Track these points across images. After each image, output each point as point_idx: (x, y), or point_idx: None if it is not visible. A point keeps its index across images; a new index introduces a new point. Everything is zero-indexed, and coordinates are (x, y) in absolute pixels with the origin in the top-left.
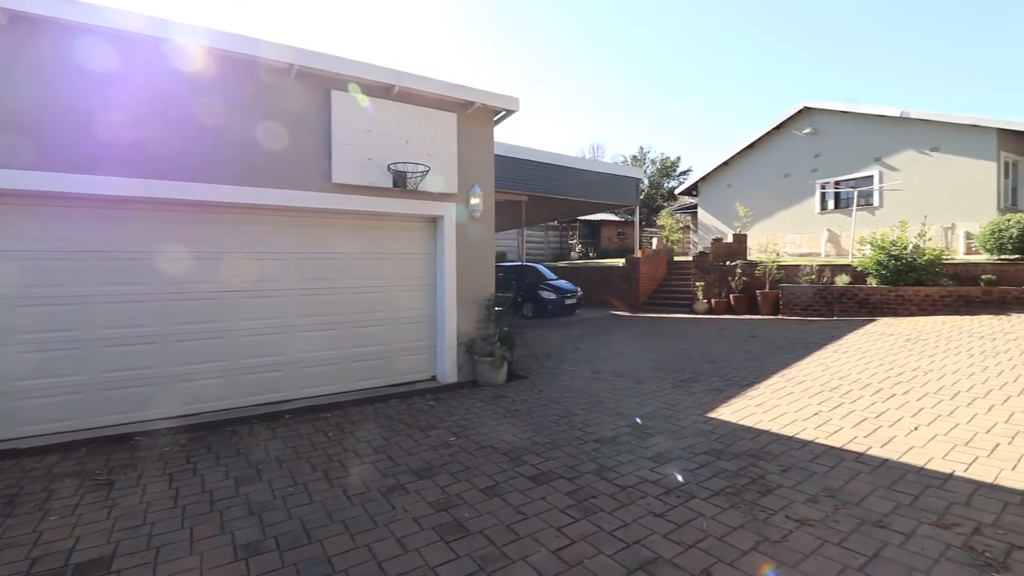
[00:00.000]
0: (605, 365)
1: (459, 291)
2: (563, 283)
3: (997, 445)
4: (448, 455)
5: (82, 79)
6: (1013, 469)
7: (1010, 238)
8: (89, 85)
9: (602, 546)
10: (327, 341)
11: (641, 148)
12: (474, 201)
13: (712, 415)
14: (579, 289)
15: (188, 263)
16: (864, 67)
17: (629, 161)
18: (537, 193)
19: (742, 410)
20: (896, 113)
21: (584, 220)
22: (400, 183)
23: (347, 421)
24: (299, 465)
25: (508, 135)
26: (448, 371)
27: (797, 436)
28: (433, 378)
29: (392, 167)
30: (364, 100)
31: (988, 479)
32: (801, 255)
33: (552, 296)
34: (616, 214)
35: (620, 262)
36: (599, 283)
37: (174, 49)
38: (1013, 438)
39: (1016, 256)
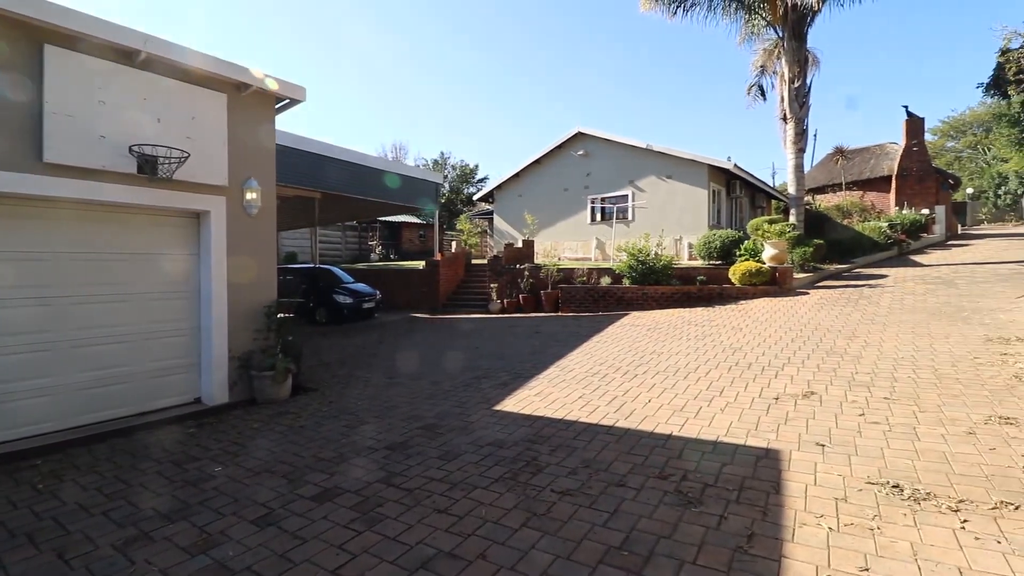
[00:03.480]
0: (401, 368)
1: (231, 298)
2: (361, 286)
3: (700, 408)
4: (211, 488)
5: None
6: (709, 426)
7: (715, 248)
8: None
9: (385, 554)
10: (39, 366)
11: (443, 153)
12: (250, 196)
13: (498, 408)
14: (378, 292)
15: None
16: (638, 99)
17: (431, 165)
18: (333, 191)
19: (523, 400)
20: (643, 145)
21: (385, 221)
22: (148, 169)
23: (69, 466)
24: None
25: (303, 127)
26: (216, 391)
27: (565, 418)
28: (197, 400)
29: (136, 149)
30: (94, 62)
31: (693, 435)
32: (577, 259)
33: (348, 300)
34: (418, 216)
35: (421, 264)
36: (400, 285)
37: None
38: (710, 402)
39: (719, 262)
